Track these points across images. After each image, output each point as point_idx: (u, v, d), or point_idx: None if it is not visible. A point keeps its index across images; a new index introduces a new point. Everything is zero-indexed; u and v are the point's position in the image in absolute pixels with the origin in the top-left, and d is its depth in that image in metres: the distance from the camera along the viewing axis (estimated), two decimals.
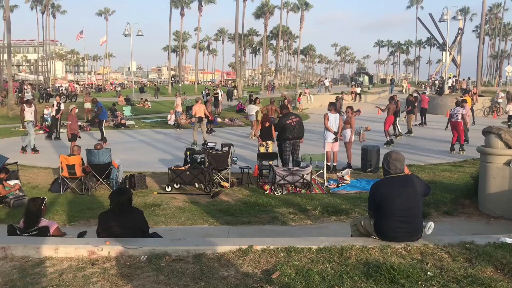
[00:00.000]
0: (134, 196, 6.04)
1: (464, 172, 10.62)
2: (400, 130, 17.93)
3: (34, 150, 14.85)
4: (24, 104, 15.61)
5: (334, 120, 11.53)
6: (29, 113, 15.19)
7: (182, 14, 62.58)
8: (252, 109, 18.99)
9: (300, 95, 33.51)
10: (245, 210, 8.05)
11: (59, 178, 9.72)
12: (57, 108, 18.76)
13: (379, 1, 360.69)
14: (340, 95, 29.34)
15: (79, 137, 14.26)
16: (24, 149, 14.92)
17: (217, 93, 30.57)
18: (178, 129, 22.26)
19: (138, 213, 5.09)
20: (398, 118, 18.13)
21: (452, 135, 14.36)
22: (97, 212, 6.34)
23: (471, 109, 20.46)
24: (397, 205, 4.41)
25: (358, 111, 19.34)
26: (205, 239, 5.73)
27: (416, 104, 22.45)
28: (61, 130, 19.19)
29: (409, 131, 18.78)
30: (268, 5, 68.05)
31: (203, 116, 16.65)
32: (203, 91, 32.73)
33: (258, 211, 7.96)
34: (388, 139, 15.65)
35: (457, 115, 14.29)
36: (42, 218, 5.12)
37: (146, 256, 4.23)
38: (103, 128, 17.93)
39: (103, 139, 17.38)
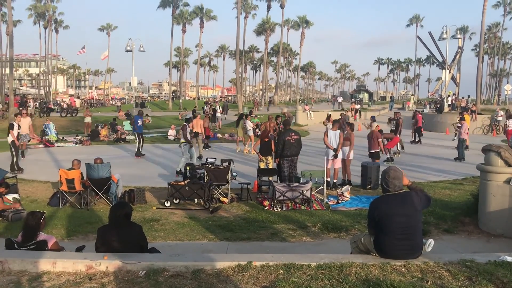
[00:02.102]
0: (133, 211, 6.03)
1: (464, 190, 10.60)
2: (399, 149, 17.90)
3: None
4: (185, 123, 13.82)
5: (333, 137, 11.55)
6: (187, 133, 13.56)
7: (183, 31, 63.12)
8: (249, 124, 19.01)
9: (356, 113, 32.90)
10: (244, 226, 8.01)
11: (58, 192, 9.70)
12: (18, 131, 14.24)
13: (379, 19, 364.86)
14: (344, 112, 29.47)
15: None
16: (179, 172, 13.10)
17: (215, 109, 30.72)
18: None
19: (137, 228, 5.07)
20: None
21: None
22: (96, 226, 6.32)
23: None
24: (397, 223, 4.40)
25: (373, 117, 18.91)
26: (203, 255, 5.69)
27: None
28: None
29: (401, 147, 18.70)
30: (269, 22, 68.72)
31: (199, 131, 16.80)
32: (204, 107, 32.90)
33: (258, 227, 7.93)
34: (389, 156, 15.65)
35: None
36: (40, 232, 5.10)
37: (144, 272, 4.20)
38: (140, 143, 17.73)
39: (137, 153, 17.47)
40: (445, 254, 5.02)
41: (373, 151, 13.19)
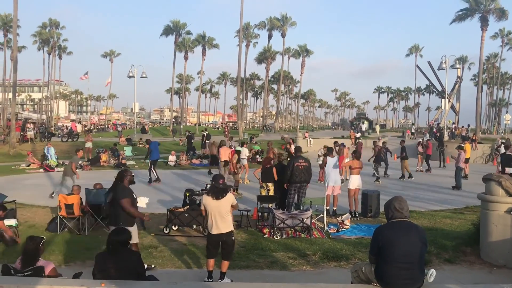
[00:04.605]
0: None
1: (465, 219, 10.54)
2: (378, 174, 17.94)
3: None
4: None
5: (332, 164, 11.58)
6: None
7: (185, 58, 63.96)
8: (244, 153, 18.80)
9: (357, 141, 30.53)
10: (244, 254, 7.93)
11: (57, 217, 9.64)
12: None
13: (379, 49, 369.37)
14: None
15: None
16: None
17: (205, 135, 31.08)
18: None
19: (134, 255, 5.03)
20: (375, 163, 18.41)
21: None
22: (94, 252, 6.26)
23: None
24: (400, 251, 4.35)
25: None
26: (202, 283, 5.63)
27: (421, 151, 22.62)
28: None
29: (409, 175, 18.82)
30: (270, 51, 69.66)
31: (228, 159, 16.59)
32: (203, 131, 33.21)
33: (257, 255, 7.84)
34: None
35: None
36: (39, 258, 5.05)
37: None
38: (152, 169, 17.53)
39: (157, 179, 17.40)
40: (447, 285, 4.96)
41: None
